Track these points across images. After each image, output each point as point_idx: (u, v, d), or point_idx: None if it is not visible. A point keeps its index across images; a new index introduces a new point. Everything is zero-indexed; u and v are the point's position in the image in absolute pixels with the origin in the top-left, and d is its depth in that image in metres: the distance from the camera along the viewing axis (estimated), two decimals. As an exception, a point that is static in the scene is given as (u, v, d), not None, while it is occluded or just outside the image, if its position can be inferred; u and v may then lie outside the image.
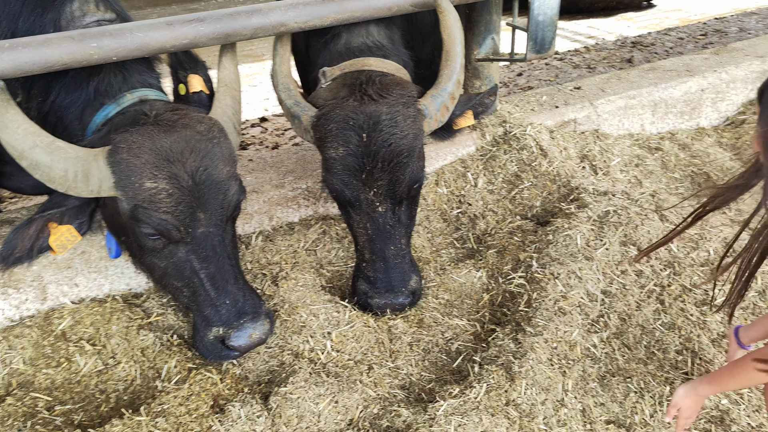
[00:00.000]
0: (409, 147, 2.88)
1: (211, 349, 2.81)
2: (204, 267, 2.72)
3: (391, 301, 3.09)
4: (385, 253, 3.03)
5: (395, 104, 2.88)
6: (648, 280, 3.10)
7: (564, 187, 3.76)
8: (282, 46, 3.16)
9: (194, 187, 2.61)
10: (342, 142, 2.85)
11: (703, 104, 4.78)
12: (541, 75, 7.90)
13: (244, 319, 2.76)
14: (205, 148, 2.66)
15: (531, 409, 2.60)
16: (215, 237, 2.72)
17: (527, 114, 4.21)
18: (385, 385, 2.90)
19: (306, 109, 3.00)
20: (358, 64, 3.06)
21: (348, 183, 2.91)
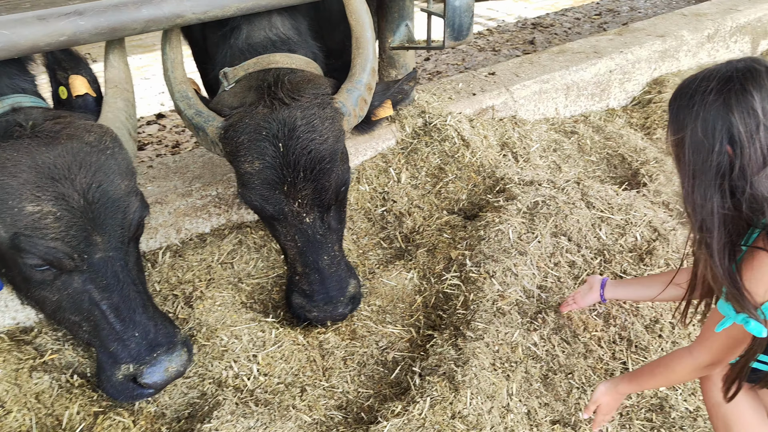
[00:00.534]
0: (331, 151, 2.64)
1: (120, 389, 2.47)
2: (106, 297, 2.38)
3: (330, 313, 2.87)
4: (318, 265, 2.79)
5: (310, 106, 2.63)
6: (581, 270, 3.05)
7: (489, 179, 3.65)
8: (172, 47, 2.80)
9: (87, 207, 2.27)
10: (257, 155, 2.57)
11: (612, 85, 4.84)
12: (448, 59, 7.84)
13: (157, 351, 2.45)
14: (96, 161, 2.31)
15: (478, 419, 2.47)
16: (116, 262, 2.39)
17: (445, 103, 4.06)
18: (320, 408, 2.68)
19: (210, 119, 2.68)
20: (263, 63, 2.77)
21: (269, 197, 2.64)
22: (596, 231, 3.17)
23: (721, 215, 1.75)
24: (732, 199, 1.74)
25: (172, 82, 2.79)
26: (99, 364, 2.51)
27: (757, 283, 1.72)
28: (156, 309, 2.56)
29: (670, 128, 1.90)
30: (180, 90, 2.77)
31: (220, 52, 2.90)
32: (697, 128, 1.75)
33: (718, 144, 1.72)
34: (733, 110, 1.69)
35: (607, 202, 3.30)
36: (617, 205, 3.28)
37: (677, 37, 5.10)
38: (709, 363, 2.01)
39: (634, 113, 4.79)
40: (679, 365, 2.09)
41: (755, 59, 1.76)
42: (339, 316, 2.91)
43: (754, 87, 1.69)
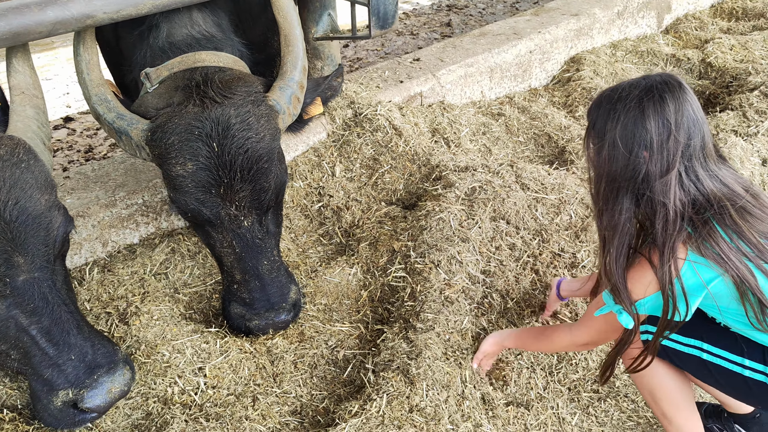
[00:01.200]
0: (268, 150, 2.53)
1: (60, 417, 2.29)
2: (35, 322, 2.19)
3: (272, 321, 2.77)
4: (258, 270, 2.68)
5: (243, 104, 2.50)
6: (521, 252, 3.10)
7: (425, 167, 3.64)
8: (86, 48, 2.58)
9: (5, 227, 2.08)
10: (189, 156, 2.42)
11: (532, 65, 4.93)
12: (367, 45, 7.77)
13: (97, 373, 2.28)
14: (11, 176, 2.12)
15: (435, 410, 2.47)
16: (43, 282, 2.20)
17: (374, 92, 4.02)
18: (275, 416, 2.60)
19: (134, 122, 2.51)
20: (188, 61, 2.60)
21: (204, 201, 2.50)
22: (533, 212, 3.23)
23: (627, 218, 1.93)
24: (636, 203, 1.92)
25: (88, 84, 2.59)
26: (33, 393, 2.32)
27: (636, 283, 1.95)
28: (91, 328, 2.39)
29: (590, 133, 2.04)
30: (97, 93, 2.58)
31: (138, 52, 2.73)
32: (617, 133, 1.90)
33: (636, 148, 1.88)
34: (650, 118, 1.85)
35: (541, 182, 3.36)
36: (550, 185, 3.36)
37: (590, 15, 5.26)
38: (585, 342, 2.28)
39: (555, 92, 4.91)
40: (558, 339, 2.37)
41: (672, 75, 1.93)
42: (282, 324, 2.82)
43: (671, 99, 1.86)
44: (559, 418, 2.69)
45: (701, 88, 4.90)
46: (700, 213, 1.86)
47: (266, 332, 2.83)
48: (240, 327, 2.82)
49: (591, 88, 4.69)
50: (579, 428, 2.68)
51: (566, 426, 2.68)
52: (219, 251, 2.69)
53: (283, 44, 2.78)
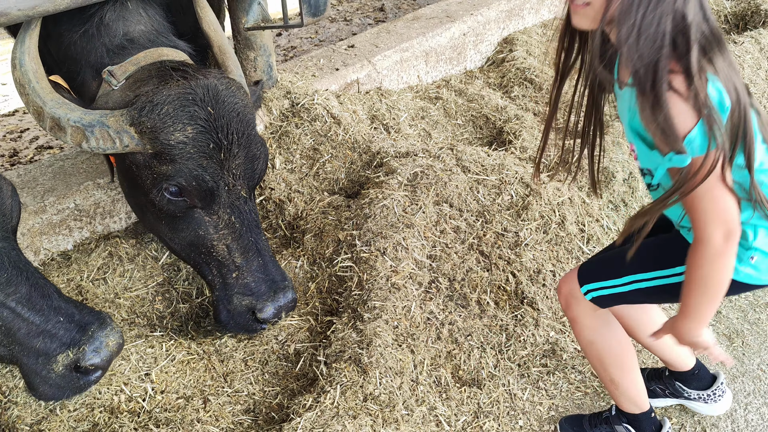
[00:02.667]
0: (252, 117, 2.62)
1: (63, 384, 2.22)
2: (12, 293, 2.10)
3: (284, 302, 2.69)
4: (259, 247, 2.64)
5: (221, 77, 2.57)
6: (466, 234, 3.13)
7: (365, 154, 3.63)
8: (31, 58, 2.43)
9: None
10: (188, 120, 2.40)
11: (467, 48, 4.97)
12: (301, 33, 7.66)
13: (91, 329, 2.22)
14: None
15: (390, 397, 2.49)
16: (11, 251, 2.13)
17: (310, 81, 3.96)
18: (227, 416, 2.56)
19: (107, 113, 2.43)
20: (154, 56, 2.59)
21: (207, 167, 2.46)
22: (475, 194, 3.27)
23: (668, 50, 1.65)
24: None
25: (39, 93, 2.43)
26: (27, 372, 2.21)
27: (677, 119, 1.65)
28: (68, 297, 2.30)
29: None
30: (53, 98, 2.44)
31: (91, 52, 2.63)
32: None
33: None
34: None
35: (481, 164, 3.40)
36: (490, 166, 3.40)
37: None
38: (723, 232, 1.74)
39: (490, 73, 4.97)
40: (706, 262, 1.78)
41: None
42: (292, 303, 2.74)
43: None
44: (511, 395, 2.76)
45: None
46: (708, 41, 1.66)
47: (279, 318, 2.73)
48: (247, 323, 2.70)
49: (525, 68, 4.76)
50: (530, 402, 2.75)
51: (518, 401, 2.74)
52: (213, 238, 2.59)
53: (218, 53, 2.87)
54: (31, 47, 2.45)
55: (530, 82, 4.67)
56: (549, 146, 3.87)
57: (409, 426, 2.47)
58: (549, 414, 2.73)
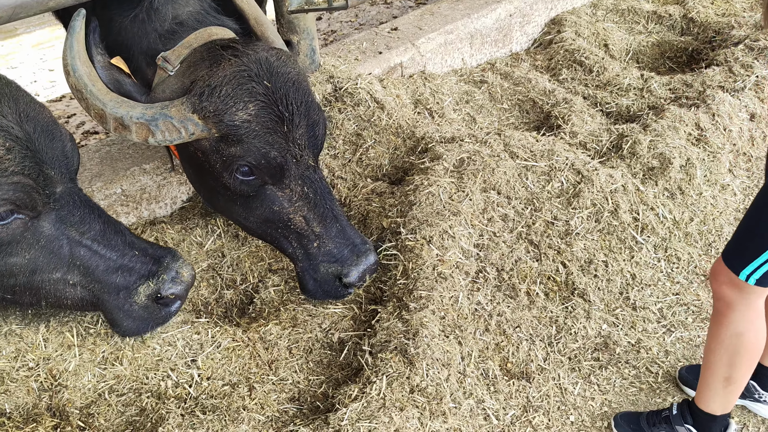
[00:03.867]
0: (307, 84, 2.60)
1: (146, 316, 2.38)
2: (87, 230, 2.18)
3: (367, 264, 2.70)
4: (335, 212, 2.65)
5: (270, 49, 2.56)
6: (515, 223, 3.04)
7: (410, 139, 3.55)
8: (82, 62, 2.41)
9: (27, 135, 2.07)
10: (249, 98, 2.40)
11: (513, 29, 4.82)
12: (341, 17, 7.58)
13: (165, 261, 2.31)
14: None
15: (437, 390, 2.43)
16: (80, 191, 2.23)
17: (353, 65, 3.90)
18: (272, 404, 2.55)
19: (167, 104, 2.41)
20: (204, 36, 2.57)
21: (273, 142, 2.46)
22: (523, 181, 3.16)
23: None
24: None
25: (97, 96, 2.40)
26: (111, 308, 2.29)
27: None
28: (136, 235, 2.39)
29: None
30: (111, 99, 2.41)
31: (143, 38, 2.63)
32: None
33: None
34: None
35: (529, 149, 3.30)
36: (539, 152, 3.29)
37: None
38: None
39: (537, 56, 4.82)
40: None
41: None
42: (374, 266, 2.76)
43: None
44: (561, 389, 2.68)
45: (684, 44, 4.83)
46: None
47: (364, 282, 2.77)
48: (334, 290, 2.74)
49: (574, 50, 4.60)
50: (582, 397, 2.66)
51: (568, 396, 2.66)
52: (289, 212, 2.61)
53: (256, 25, 2.83)
54: (81, 51, 2.43)
55: (580, 64, 4.51)
56: (602, 131, 3.73)
57: (457, 419, 2.41)
58: (601, 410, 2.64)
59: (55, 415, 2.51)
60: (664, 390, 2.71)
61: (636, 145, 3.47)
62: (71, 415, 2.50)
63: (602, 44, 4.83)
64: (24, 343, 2.64)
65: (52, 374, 2.59)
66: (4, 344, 2.62)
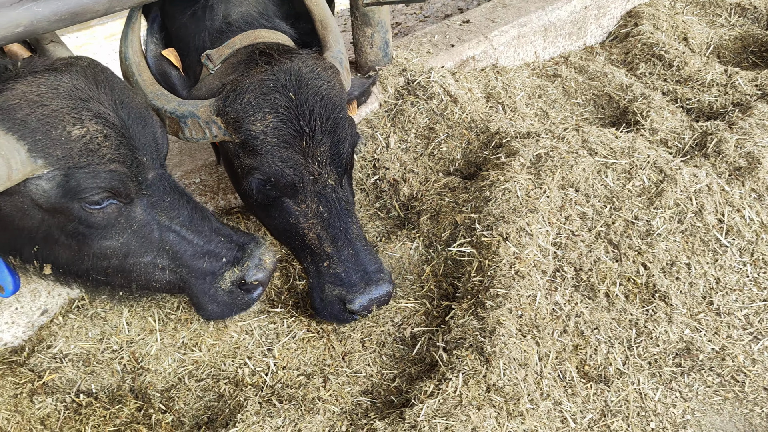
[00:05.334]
0: (340, 99, 2.50)
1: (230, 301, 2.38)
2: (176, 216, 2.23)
3: (376, 295, 2.61)
4: (349, 235, 2.58)
5: (308, 59, 2.48)
6: (593, 221, 2.96)
7: (483, 134, 3.50)
8: (134, 52, 2.54)
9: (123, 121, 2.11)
10: (269, 109, 2.35)
11: (588, 22, 4.69)
12: (405, 9, 7.55)
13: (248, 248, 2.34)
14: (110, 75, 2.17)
15: (514, 389, 2.39)
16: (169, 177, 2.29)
17: (425, 58, 3.86)
18: (346, 396, 2.56)
19: (198, 103, 2.44)
20: (249, 38, 2.56)
21: (288, 159, 2.41)
22: (602, 178, 3.07)
23: None
24: None
25: (141, 86, 2.53)
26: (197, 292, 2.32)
27: None
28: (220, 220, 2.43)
29: None
30: (152, 90, 2.52)
31: (195, 35, 2.67)
32: None
33: None
34: None
35: (609, 146, 3.20)
36: (619, 149, 3.19)
37: (647, -34, 4.96)
38: None
39: (613, 49, 4.67)
40: None
41: None
42: (385, 298, 2.65)
43: None
44: (641, 394, 2.59)
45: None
46: None
47: (369, 311, 2.64)
48: (338, 313, 2.65)
49: (652, 44, 4.44)
50: (663, 404, 2.57)
51: (648, 402, 2.57)
52: (303, 227, 2.56)
53: (320, 28, 2.77)
54: (134, 41, 2.55)
55: (659, 58, 4.34)
56: (684, 128, 3.60)
57: (534, 421, 2.36)
58: (684, 418, 2.54)
59: (138, 396, 2.59)
60: (751, 400, 2.59)
61: (721, 144, 3.32)
62: (153, 397, 2.58)
63: (682, 38, 4.64)
64: (108, 326, 2.74)
65: (134, 357, 2.68)
66: (90, 326, 2.73)
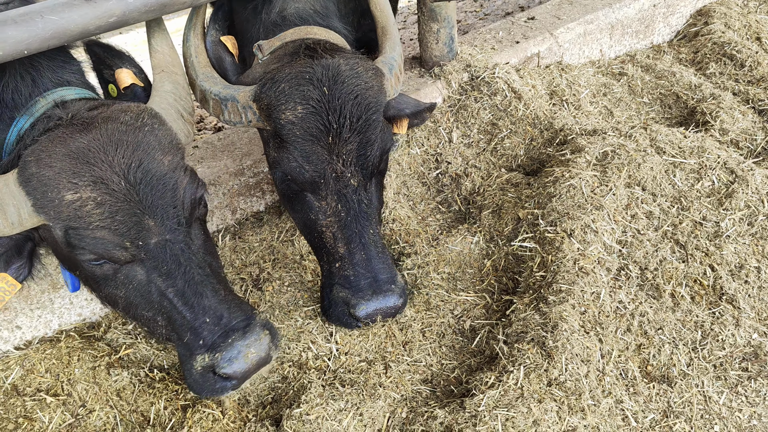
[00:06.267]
0: (376, 101, 2.47)
1: (202, 383, 2.23)
2: (170, 284, 2.17)
3: (382, 305, 2.55)
4: (364, 240, 2.51)
5: (351, 57, 2.49)
6: (660, 221, 2.92)
7: (547, 131, 3.49)
8: (196, 34, 2.68)
9: (130, 189, 2.07)
10: (300, 100, 2.37)
11: (656, 20, 4.60)
12: (465, 6, 7.54)
13: (232, 337, 2.17)
14: (134, 139, 2.11)
15: (576, 385, 2.39)
16: (176, 245, 2.17)
17: (489, 54, 3.87)
18: (407, 384, 2.61)
19: (241, 89, 2.53)
20: (300, 33, 2.62)
21: (311, 154, 2.41)
22: (670, 178, 3.03)
23: None
24: None
25: (196, 66, 2.65)
26: (180, 358, 2.33)
27: None
28: (229, 291, 2.31)
29: None
30: (204, 72, 2.63)
31: (253, 26, 2.77)
32: None
33: None
34: None
35: (677, 145, 3.15)
36: (688, 149, 3.13)
37: (719, -37, 4.82)
38: None
39: (681, 48, 4.56)
40: None
41: None
42: (392, 311, 2.59)
43: None
44: (705, 397, 2.55)
45: None
46: None
47: (373, 320, 2.60)
48: (342, 317, 2.61)
49: (723, 43, 4.32)
50: (728, 408, 2.52)
51: (713, 405, 2.53)
52: (319, 225, 2.54)
53: (380, 34, 2.80)
54: (198, 25, 2.69)
55: (730, 58, 4.23)
56: (756, 129, 3.51)
57: (596, 417, 2.36)
58: (750, 423, 2.49)
59: (207, 374, 2.70)
60: (824, 410, 2.52)
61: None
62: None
63: (755, 37, 4.50)
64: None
65: (204, 336, 2.78)
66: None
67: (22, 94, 2.25)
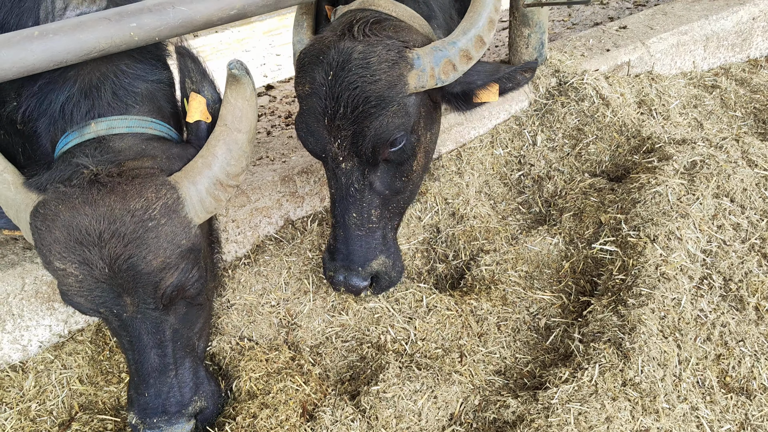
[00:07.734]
0: (378, 95, 2.42)
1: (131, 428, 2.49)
2: (130, 349, 2.36)
3: (344, 279, 2.70)
4: (345, 220, 2.64)
5: (375, 44, 2.44)
6: (748, 233, 2.88)
7: (634, 138, 3.49)
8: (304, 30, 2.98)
9: (113, 276, 2.15)
10: (308, 79, 2.48)
11: (754, 34, 4.49)
12: (553, 15, 7.49)
13: (157, 418, 2.38)
14: (133, 234, 2.11)
15: (651, 387, 2.40)
16: (142, 324, 2.29)
17: (578, 60, 3.90)
18: (480, 373, 2.69)
19: (302, 43, 2.78)
20: (365, 3, 2.66)
21: (312, 129, 2.53)
22: (761, 191, 2.97)
23: None
24: None
25: (297, 30, 2.96)
26: None
27: None
28: (188, 369, 2.45)
29: None
30: (299, 38, 2.96)
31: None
32: None
33: None
34: None
35: None
36: (782, 163, 3.07)
37: (827, -23, 4.65)
38: None
39: (780, 63, 4.44)
40: None
41: None
42: (351, 288, 2.72)
43: None
44: (787, 413, 2.50)
45: None
46: None
47: (338, 289, 2.78)
48: (325, 273, 2.83)
49: (827, 59, 4.18)
50: (811, 426, 2.47)
51: (795, 422, 2.48)
52: (330, 190, 2.72)
53: (470, 10, 2.59)
54: (305, 24, 2.99)
55: (833, 74, 4.08)
56: None
57: (669, 421, 2.36)
58: (833, 444, 2.43)
59: (291, 348, 2.87)
60: None
61: None
62: (303, 351, 2.85)
63: None
64: (269, 283, 3.05)
65: (290, 313, 2.97)
66: (254, 282, 3.05)
67: (80, 110, 2.31)
